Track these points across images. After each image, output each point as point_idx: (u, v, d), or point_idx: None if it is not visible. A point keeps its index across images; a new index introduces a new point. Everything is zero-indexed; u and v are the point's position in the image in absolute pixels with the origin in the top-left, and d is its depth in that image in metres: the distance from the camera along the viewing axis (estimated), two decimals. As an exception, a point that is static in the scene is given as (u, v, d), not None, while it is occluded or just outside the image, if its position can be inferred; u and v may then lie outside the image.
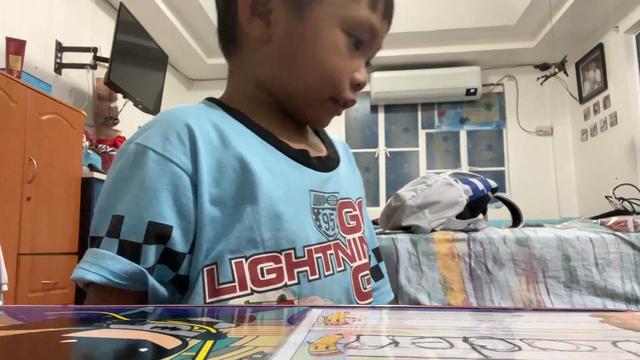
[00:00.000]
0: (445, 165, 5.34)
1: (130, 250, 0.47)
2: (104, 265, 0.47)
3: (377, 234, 1.63)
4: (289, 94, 0.59)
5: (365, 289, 0.60)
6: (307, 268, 0.53)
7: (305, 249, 0.53)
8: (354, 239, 0.61)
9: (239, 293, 0.49)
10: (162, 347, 0.22)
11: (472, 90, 5.12)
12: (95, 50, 3.26)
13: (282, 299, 0.51)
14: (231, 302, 0.49)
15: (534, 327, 0.27)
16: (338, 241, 0.58)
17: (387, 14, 0.58)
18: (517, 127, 5.21)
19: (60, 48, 3.19)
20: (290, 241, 0.52)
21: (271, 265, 0.51)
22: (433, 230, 1.58)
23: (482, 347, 0.21)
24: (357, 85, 0.58)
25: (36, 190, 2.36)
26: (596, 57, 4.43)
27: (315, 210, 0.57)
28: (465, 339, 0.23)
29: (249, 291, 0.49)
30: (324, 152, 0.64)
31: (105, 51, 3.33)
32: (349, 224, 0.61)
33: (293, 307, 0.33)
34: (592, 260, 1.51)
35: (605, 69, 4.31)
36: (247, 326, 0.28)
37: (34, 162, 2.34)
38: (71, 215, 2.62)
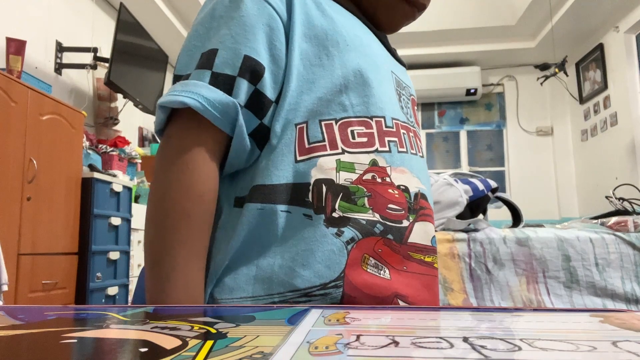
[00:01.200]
0: (445, 166, 5.34)
1: (223, 82, 0.47)
2: (197, 92, 0.46)
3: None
4: None
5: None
6: (396, 139, 0.54)
7: (394, 120, 0.55)
8: (420, 137, 0.63)
9: (329, 152, 0.50)
10: (162, 347, 0.22)
11: (472, 90, 5.12)
12: (95, 50, 3.26)
13: (373, 163, 0.51)
14: (321, 160, 0.49)
15: (534, 327, 0.27)
16: (415, 130, 0.60)
17: None
18: (517, 127, 5.21)
19: (60, 48, 3.19)
20: (380, 109, 0.53)
21: (362, 129, 0.52)
22: (433, 230, 1.58)
23: (482, 347, 0.21)
24: None
25: (36, 190, 2.36)
26: (596, 57, 4.43)
27: (398, 92, 0.58)
28: (465, 339, 0.23)
29: (339, 150, 0.50)
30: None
31: (105, 51, 3.33)
32: (416, 120, 0.63)
33: (293, 307, 0.33)
34: (592, 261, 1.51)
35: (605, 69, 4.31)
36: (247, 326, 0.28)
37: (34, 162, 2.34)
38: (71, 215, 2.62)
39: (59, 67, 3.18)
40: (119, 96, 3.53)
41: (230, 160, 0.50)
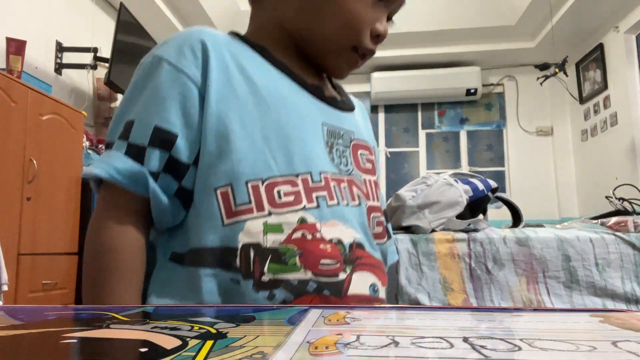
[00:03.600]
0: (445, 166, 5.34)
1: (135, 152, 0.50)
2: (111, 162, 0.50)
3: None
4: (310, 40, 0.60)
5: (374, 229, 0.60)
6: (325, 193, 0.54)
7: (322, 175, 0.55)
8: (369, 181, 0.62)
9: (256, 214, 0.50)
10: (162, 347, 0.22)
11: (472, 91, 5.12)
12: (95, 50, 3.26)
13: (302, 221, 0.52)
14: (249, 224, 0.50)
15: (534, 327, 0.27)
16: (352, 177, 0.59)
17: None
18: (517, 127, 5.21)
19: (60, 48, 3.19)
20: (305, 165, 0.54)
21: (288, 188, 0.52)
22: (433, 231, 1.58)
23: (482, 347, 0.21)
24: (378, 37, 0.60)
25: (36, 190, 2.36)
26: (596, 57, 4.43)
27: (329, 143, 0.58)
28: (465, 339, 0.23)
29: (266, 212, 0.51)
30: (339, 97, 0.66)
31: (105, 51, 3.33)
32: (364, 165, 0.62)
33: (293, 307, 0.33)
34: (592, 261, 1.51)
35: (605, 69, 4.31)
36: (247, 326, 0.28)
37: (34, 162, 2.34)
38: (71, 215, 2.62)
39: (59, 67, 3.18)
40: (119, 96, 3.53)
41: (155, 219, 0.53)
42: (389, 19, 0.62)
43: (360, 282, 0.54)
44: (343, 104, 0.64)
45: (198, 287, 0.50)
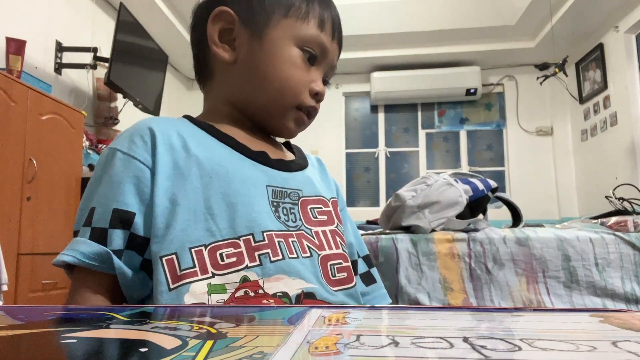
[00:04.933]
0: (445, 165, 5.34)
1: (98, 235, 0.55)
2: (76, 248, 0.54)
3: (377, 234, 1.63)
4: (256, 107, 0.67)
5: (334, 276, 0.62)
6: (268, 250, 0.57)
7: (265, 233, 0.58)
8: (324, 231, 0.65)
9: (200, 277, 0.53)
10: (162, 347, 0.22)
11: (472, 90, 5.12)
12: (95, 50, 3.26)
13: (244, 280, 0.55)
14: (193, 286, 0.53)
15: (534, 327, 0.27)
16: (302, 232, 0.62)
17: (335, 34, 0.67)
18: (517, 127, 5.21)
19: (60, 48, 3.19)
20: (248, 227, 0.57)
21: (230, 250, 0.56)
22: (433, 230, 1.58)
23: (482, 347, 0.21)
24: (316, 95, 0.66)
25: (36, 190, 2.36)
26: (596, 57, 4.43)
27: (275, 203, 0.62)
28: (465, 339, 0.23)
29: (209, 274, 0.54)
30: (289, 158, 0.71)
31: (105, 51, 3.33)
32: (315, 217, 0.65)
33: (293, 307, 0.33)
34: (592, 260, 1.51)
35: (605, 69, 4.31)
36: (247, 326, 0.28)
37: (34, 162, 2.34)
38: (71, 215, 2.62)
39: (59, 67, 3.18)
40: (119, 96, 3.53)
41: (124, 292, 0.56)
42: (326, 82, 0.70)
43: None
44: (291, 164, 0.68)
45: None
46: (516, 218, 1.80)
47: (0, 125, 2.15)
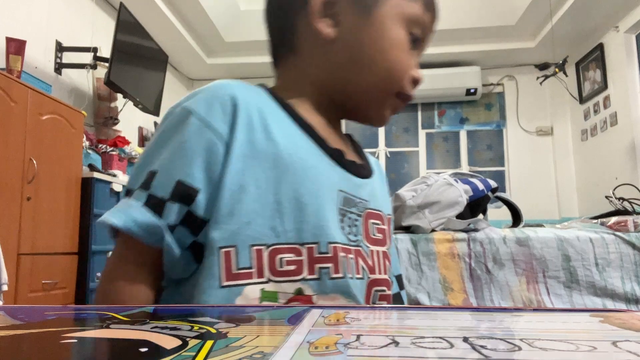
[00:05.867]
0: (445, 165, 5.34)
1: (154, 204, 0.50)
2: (130, 213, 0.49)
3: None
4: (354, 92, 0.60)
5: (374, 303, 0.58)
6: (330, 265, 0.52)
7: (331, 245, 0.53)
8: (377, 252, 0.60)
9: (255, 280, 0.49)
10: (162, 347, 0.22)
11: (472, 90, 5.12)
12: (95, 50, 3.26)
13: (299, 292, 0.50)
14: (247, 289, 0.49)
15: (534, 327, 0.27)
16: (360, 248, 0.57)
17: (436, 15, 0.63)
18: (517, 127, 5.21)
19: (60, 48, 3.19)
20: (314, 235, 0.52)
21: (291, 256, 0.51)
22: (433, 230, 1.58)
23: (482, 347, 0.21)
24: (415, 82, 0.61)
25: (36, 190, 2.36)
26: (596, 57, 4.43)
27: (342, 212, 0.56)
28: (465, 339, 0.23)
29: (265, 279, 0.50)
30: (359, 160, 0.64)
31: (105, 51, 3.33)
32: (374, 235, 0.60)
33: (293, 307, 0.33)
34: (592, 260, 1.51)
35: (605, 69, 4.31)
36: (247, 326, 0.28)
37: (34, 162, 2.34)
38: (71, 215, 2.62)
39: (59, 67, 3.18)
40: (119, 96, 3.53)
41: (166, 271, 0.52)
42: None
43: None
44: (362, 170, 0.62)
45: None
46: (516, 218, 1.80)
47: (0, 125, 2.15)
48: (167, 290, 0.54)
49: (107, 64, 3.15)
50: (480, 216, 1.78)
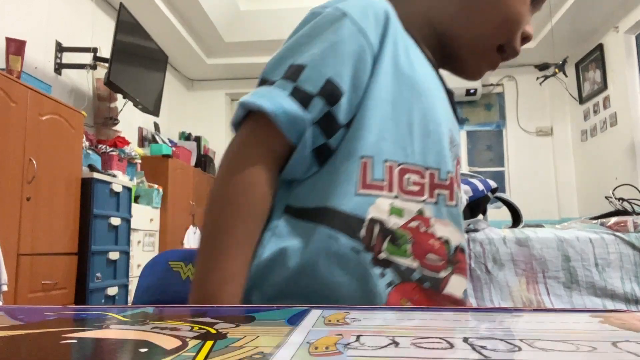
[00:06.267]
0: (445, 166, 5.34)
1: (302, 97, 0.49)
2: (275, 100, 0.49)
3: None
4: (460, 37, 0.61)
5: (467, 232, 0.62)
6: (447, 192, 0.55)
7: (448, 174, 0.56)
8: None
9: (386, 193, 0.52)
10: (162, 347, 0.22)
11: (472, 91, 5.12)
12: (95, 50, 3.26)
13: (420, 213, 0.53)
14: (379, 201, 0.51)
15: (534, 327, 0.27)
16: (454, 183, 0.60)
17: None
18: (517, 127, 5.21)
19: (60, 48, 3.19)
20: (436, 162, 0.55)
21: (417, 178, 0.53)
22: (433, 231, 1.58)
23: (482, 347, 0.21)
24: (525, 39, 0.61)
25: (36, 190, 2.36)
26: (596, 57, 4.43)
27: (450, 149, 0.59)
28: (465, 339, 0.23)
29: (394, 195, 0.52)
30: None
31: (105, 51, 3.33)
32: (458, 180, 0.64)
33: (293, 307, 0.33)
34: (592, 261, 1.51)
35: (605, 69, 4.31)
36: (247, 326, 0.28)
37: (34, 162, 2.34)
38: (71, 216, 2.62)
39: (59, 67, 3.18)
40: (119, 96, 3.53)
41: (288, 168, 0.52)
42: None
43: (456, 285, 0.56)
44: (459, 118, 0.66)
45: (320, 245, 0.50)
46: (516, 218, 1.79)
47: (0, 125, 2.15)
48: (279, 189, 0.54)
49: (107, 64, 3.15)
50: (480, 216, 1.78)
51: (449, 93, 0.63)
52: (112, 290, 2.83)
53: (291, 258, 0.50)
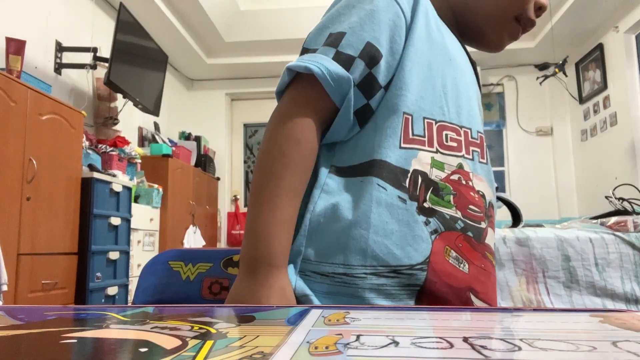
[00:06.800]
0: (445, 165, 5.33)
1: (344, 60, 0.54)
2: (321, 62, 0.53)
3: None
4: (477, 14, 0.67)
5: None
6: (479, 150, 0.61)
7: (479, 134, 0.62)
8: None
9: (427, 147, 0.56)
10: (162, 347, 0.22)
11: (472, 90, 5.12)
12: (95, 50, 3.26)
13: (460, 167, 0.58)
14: (421, 154, 0.56)
15: (534, 327, 0.27)
16: (485, 144, 0.66)
17: None
18: (517, 127, 5.21)
19: (60, 48, 3.19)
20: (468, 121, 0.61)
21: (454, 135, 0.59)
22: (433, 230, 1.58)
23: (482, 347, 0.21)
24: (539, 9, 0.66)
25: (36, 190, 2.35)
26: (596, 57, 4.42)
27: (479, 112, 0.66)
28: (465, 339, 0.23)
29: (434, 149, 0.57)
30: None
31: (105, 51, 3.33)
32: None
33: (293, 307, 0.33)
34: (592, 260, 1.51)
35: (605, 69, 4.31)
36: (247, 326, 0.28)
37: (34, 162, 2.34)
38: (71, 215, 2.62)
39: (59, 67, 3.18)
40: (119, 96, 3.53)
41: (333, 129, 0.56)
42: None
43: (491, 237, 0.60)
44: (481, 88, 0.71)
45: (370, 194, 0.53)
46: (516, 218, 1.79)
47: (0, 125, 2.15)
48: (321, 150, 0.58)
49: (107, 64, 3.15)
50: (480, 216, 1.78)
51: (473, 64, 0.68)
52: (112, 290, 2.83)
53: (344, 211, 0.54)
